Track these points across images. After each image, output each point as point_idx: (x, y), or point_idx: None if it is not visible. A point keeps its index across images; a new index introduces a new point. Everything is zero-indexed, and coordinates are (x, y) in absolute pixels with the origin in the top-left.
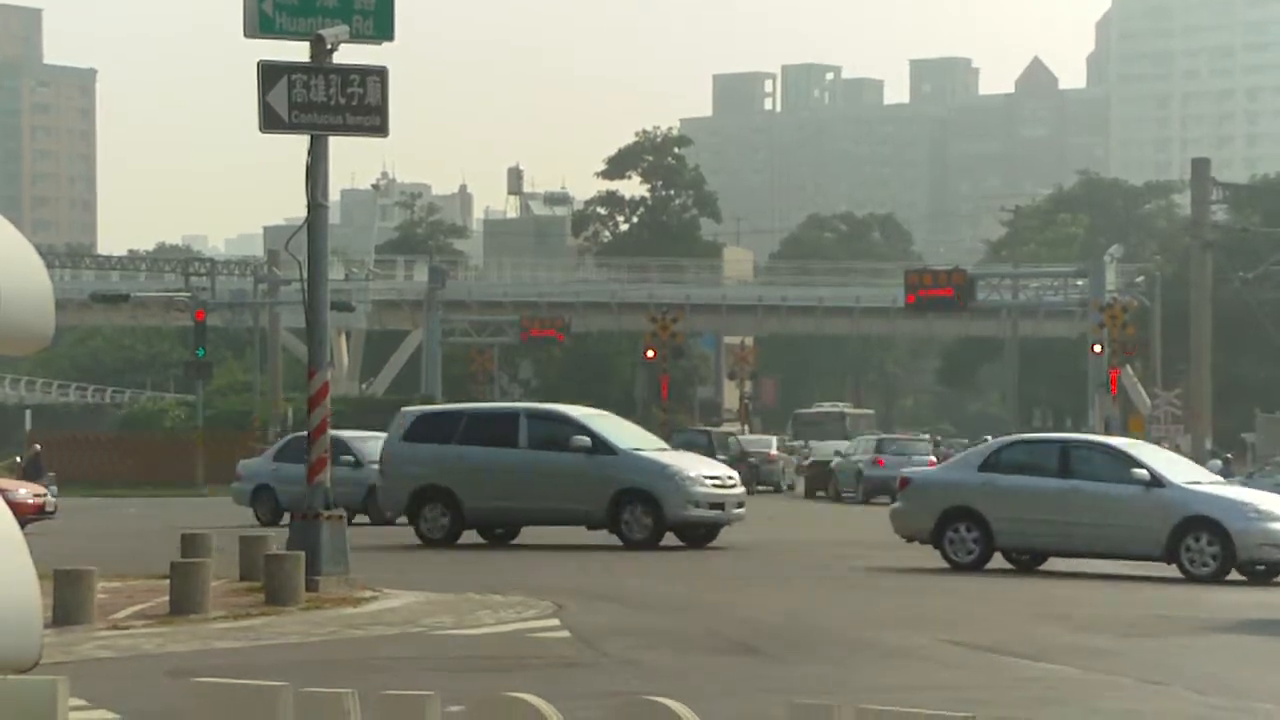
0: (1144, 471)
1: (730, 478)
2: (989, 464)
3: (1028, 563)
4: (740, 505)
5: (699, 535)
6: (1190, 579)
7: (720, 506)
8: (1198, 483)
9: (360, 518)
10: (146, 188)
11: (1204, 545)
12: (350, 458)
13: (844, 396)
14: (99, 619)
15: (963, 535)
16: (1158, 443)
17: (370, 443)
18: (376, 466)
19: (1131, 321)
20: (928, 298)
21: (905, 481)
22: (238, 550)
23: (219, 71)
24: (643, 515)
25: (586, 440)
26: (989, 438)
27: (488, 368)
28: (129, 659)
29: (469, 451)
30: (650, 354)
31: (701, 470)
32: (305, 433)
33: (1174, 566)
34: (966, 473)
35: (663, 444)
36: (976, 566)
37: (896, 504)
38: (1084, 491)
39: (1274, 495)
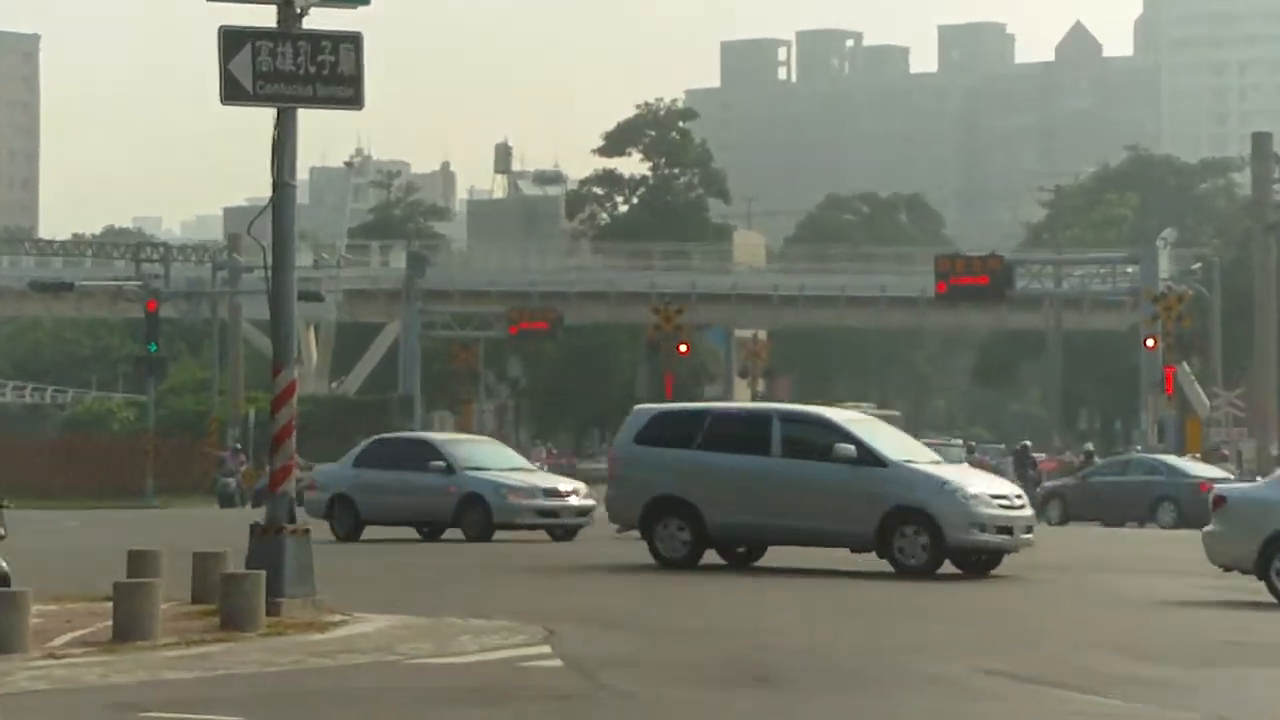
0: None
1: (1019, 497)
2: None
3: None
4: (1029, 530)
5: (980, 563)
6: None
7: (1008, 530)
8: None
9: (452, 532)
10: (94, 165)
11: None
12: (441, 463)
13: (868, 397)
14: (33, 646)
15: None
16: (1216, 449)
17: (464, 447)
18: (472, 473)
19: (1188, 313)
20: (960, 287)
21: (1220, 501)
22: (190, 569)
23: (176, 37)
24: (918, 538)
25: (851, 449)
26: (1028, 443)
27: (472, 364)
28: (67, 691)
29: (713, 458)
30: (652, 349)
31: (985, 488)
32: (392, 435)
33: None
34: None
35: (936, 456)
36: None
37: (1210, 528)
38: None
39: None
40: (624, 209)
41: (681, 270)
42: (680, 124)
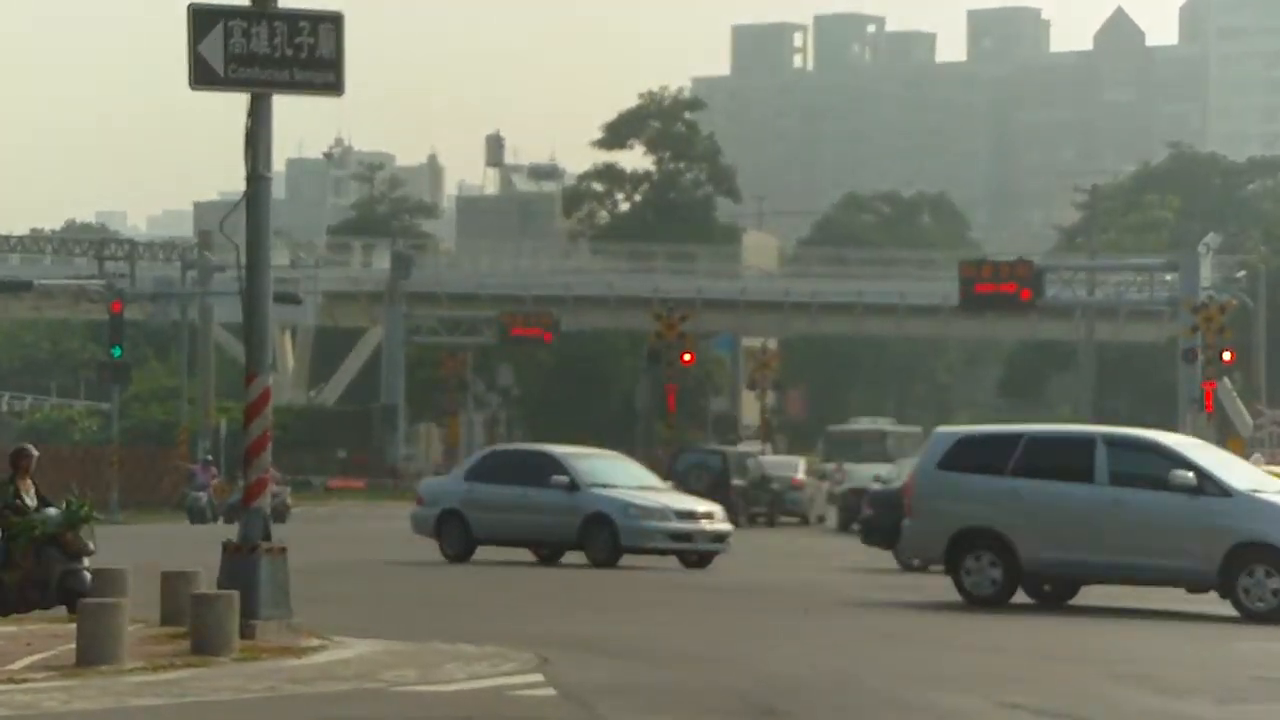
0: None
1: None
2: None
3: None
4: None
5: None
6: None
7: None
8: None
9: (573, 555)
10: (54, 155)
11: None
12: (564, 478)
13: (885, 411)
14: None
15: None
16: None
17: (589, 461)
18: (598, 490)
19: (1230, 324)
20: (986, 294)
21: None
22: (159, 589)
23: (142, 16)
24: (1268, 580)
25: (1190, 477)
26: None
27: (461, 373)
28: (27, 718)
29: (1027, 486)
30: (654, 358)
31: None
32: (510, 446)
33: None
34: None
35: None
36: None
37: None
38: None
39: None
40: (625, 207)
41: (686, 274)
42: (687, 115)
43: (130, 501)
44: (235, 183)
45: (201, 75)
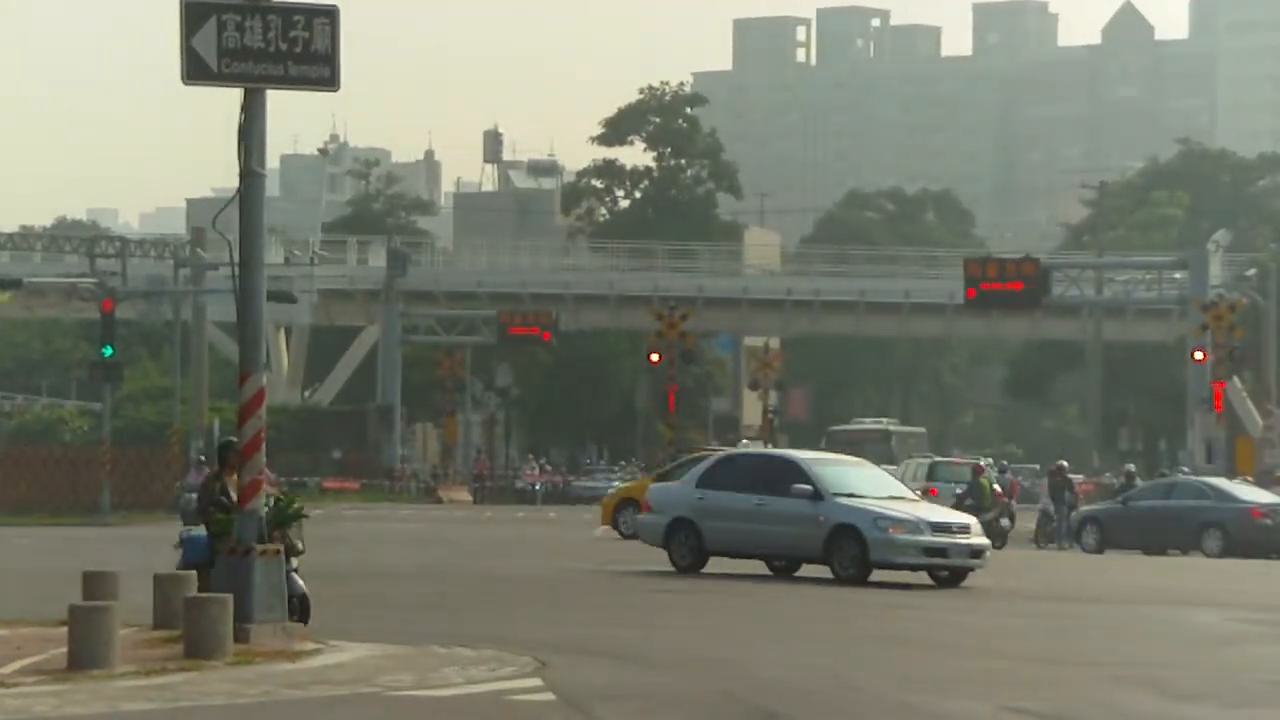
0: None
1: None
2: None
3: None
4: None
5: None
6: None
7: None
8: None
9: (816, 569)
10: (44, 151)
11: None
12: (806, 486)
13: (889, 412)
14: None
15: None
16: (1270, 472)
17: (833, 468)
18: (844, 500)
19: (1240, 323)
20: (992, 292)
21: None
22: (151, 592)
23: (134, 10)
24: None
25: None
26: (1064, 464)
27: (458, 373)
28: None
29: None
30: (655, 358)
31: None
32: (746, 451)
33: None
34: None
35: None
36: None
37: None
38: None
39: None
40: (625, 204)
41: (687, 272)
42: (688, 110)
43: (123, 503)
44: (228, 179)
45: (194, 70)
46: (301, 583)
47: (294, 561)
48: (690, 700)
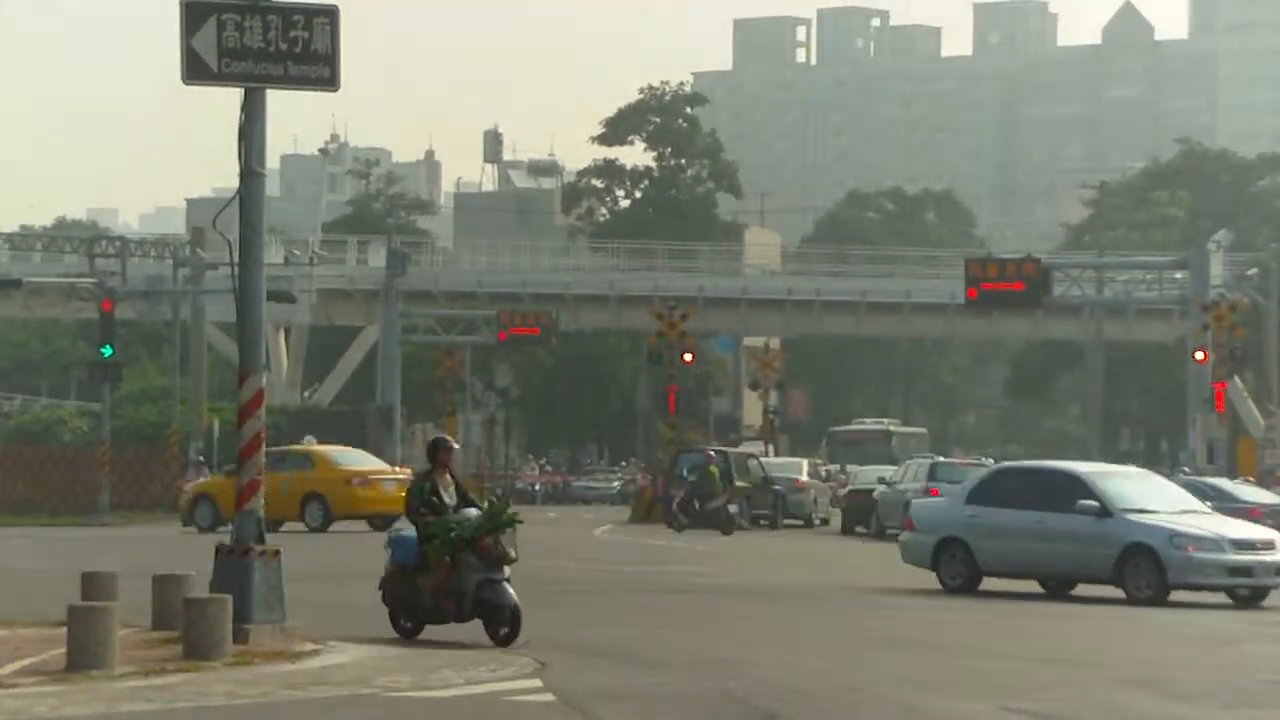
0: None
1: None
2: None
3: None
4: None
5: None
6: None
7: None
8: None
9: (1106, 590)
10: (44, 151)
11: None
12: (1092, 502)
13: (890, 412)
14: None
15: None
16: (1271, 472)
17: (1118, 481)
18: (1134, 516)
19: (1241, 323)
20: (993, 292)
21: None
22: (150, 592)
23: (134, 10)
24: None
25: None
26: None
27: (457, 372)
28: None
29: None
30: (655, 357)
31: None
32: (1021, 464)
33: None
34: None
35: None
36: None
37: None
38: None
39: None
40: (625, 203)
41: (687, 272)
42: (688, 110)
43: (122, 502)
44: (228, 179)
45: (194, 70)
46: (513, 594)
47: (505, 570)
48: (690, 700)
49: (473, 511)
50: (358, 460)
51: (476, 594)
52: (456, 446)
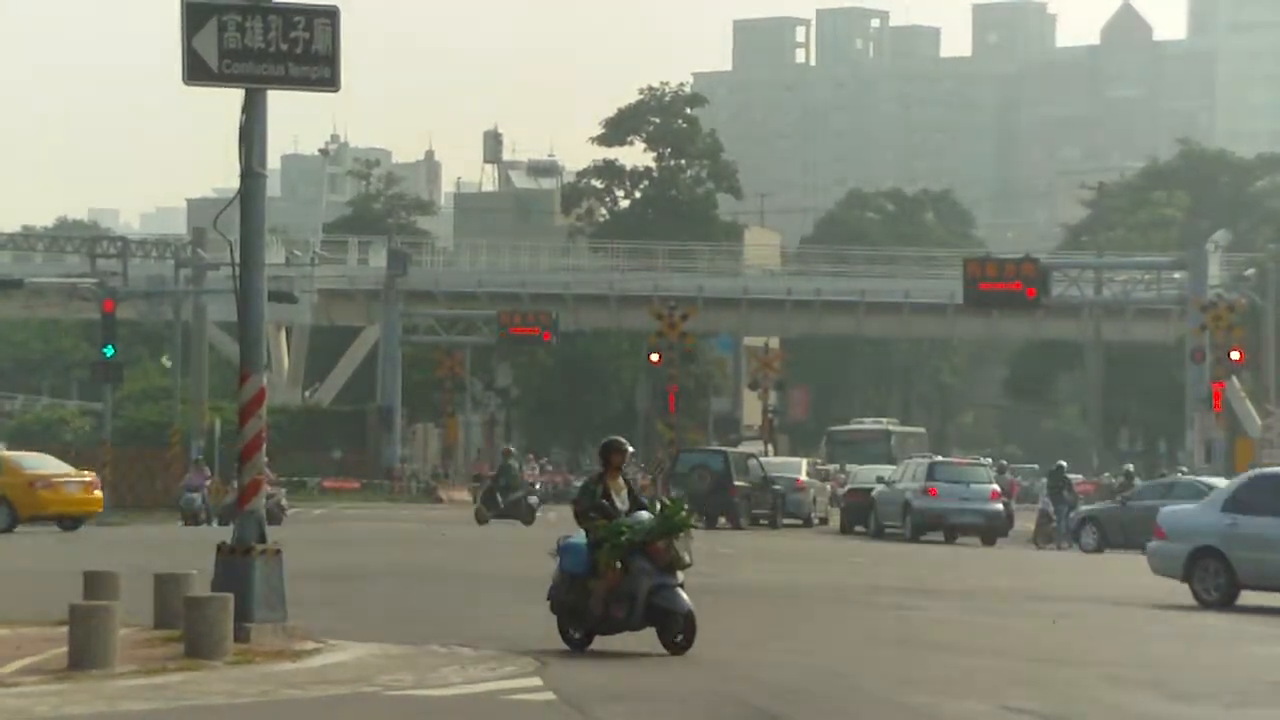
0: None
1: None
2: None
3: None
4: None
5: None
6: None
7: None
8: None
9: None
10: (45, 152)
11: None
12: None
13: (889, 412)
14: None
15: None
16: None
17: None
18: None
19: (1240, 323)
20: (992, 292)
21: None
22: (151, 591)
23: (134, 10)
24: None
25: None
26: (1063, 464)
27: (458, 372)
28: None
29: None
30: (655, 358)
31: None
32: (1269, 469)
33: None
34: None
35: None
36: None
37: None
38: None
39: None
40: (625, 204)
41: (687, 272)
42: (687, 111)
43: (123, 502)
44: (229, 179)
45: (195, 70)
46: (688, 599)
47: (679, 576)
48: (690, 700)
49: (645, 515)
50: (42, 464)
51: (648, 600)
52: (630, 449)
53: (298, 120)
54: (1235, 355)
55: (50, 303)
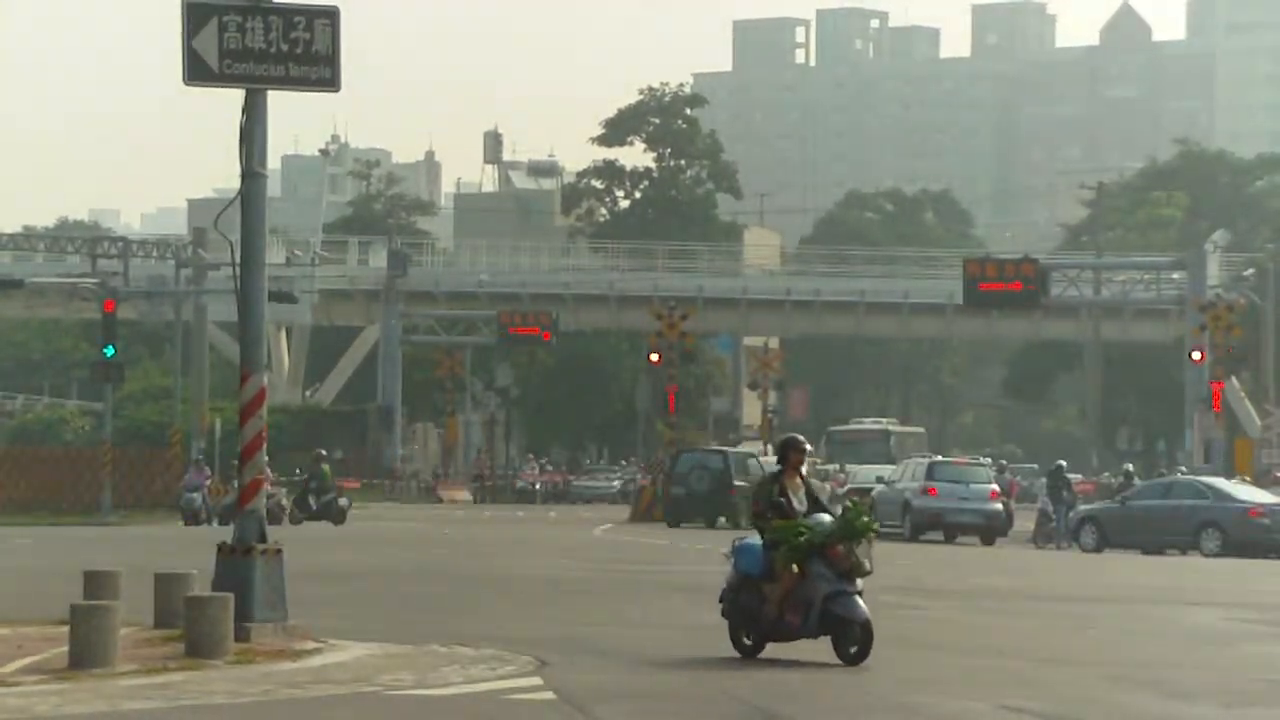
0: None
1: None
2: None
3: None
4: None
5: None
6: None
7: None
8: None
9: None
10: (46, 152)
11: None
12: None
13: (889, 412)
14: None
15: None
16: (1268, 472)
17: None
18: None
19: (1239, 323)
20: (991, 293)
21: None
22: (152, 591)
23: (136, 10)
24: None
25: None
26: (1063, 463)
27: (458, 372)
28: None
29: None
30: (655, 358)
31: None
32: None
33: None
34: None
35: None
36: None
37: None
38: None
39: None
40: (625, 204)
41: (687, 272)
42: (687, 111)
43: (123, 503)
44: (230, 179)
45: (196, 71)
46: (865, 608)
47: (859, 583)
48: (690, 700)
49: (825, 517)
50: None
51: (824, 607)
52: (809, 448)
53: (298, 120)
54: (1234, 355)
55: (51, 303)
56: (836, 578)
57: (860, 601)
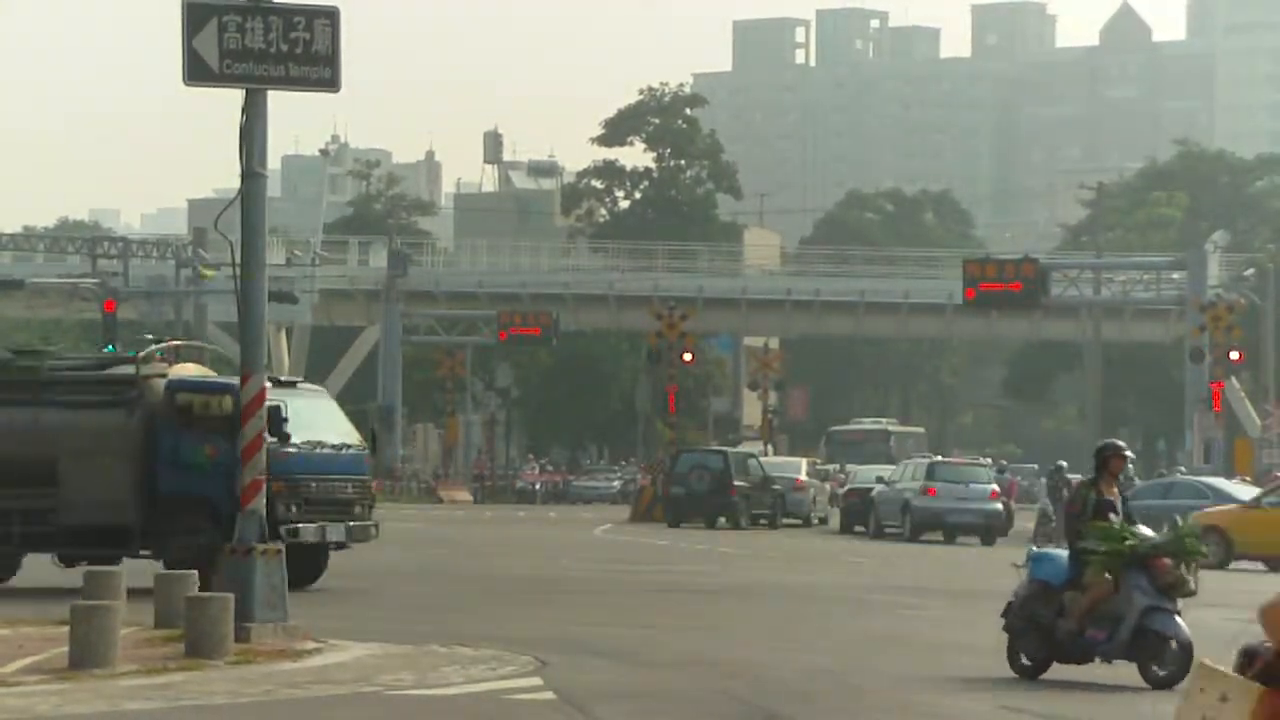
0: None
1: None
2: None
3: None
4: None
5: None
6: None
7: None
8: None
9: None
10: (46, 152)
11: None
12: None
13: (889, 412)
14: None
15: None
16: (1268, 472)
17: None
18: None
19: (1239, 323)
20: (991, 293)
21: None
22: (153, 591)
23: (136, 10)
24: None
25: None
26: (1063, 464)
27: (458, 372)
28: None
29: None
30: (654, 357)
31: None
32: None
33: None
34: None
35: None
36: None
37: None
38: None
39: None
40: (625, 204)
41: (687, 272)
42: (687, 111)
43: None
44: (230, 180)
45: (196, 71)
46: (1187, 628)
47: (1179, 603)
48: (690, 700)
49: (1148, 531)
50: None
51: (1139, 623)
52: (1130, 455)
53: (298, 120)
54: (1234, 355)
55: (51, 303)
56: (1156, 593)
57: (1181, 621)
